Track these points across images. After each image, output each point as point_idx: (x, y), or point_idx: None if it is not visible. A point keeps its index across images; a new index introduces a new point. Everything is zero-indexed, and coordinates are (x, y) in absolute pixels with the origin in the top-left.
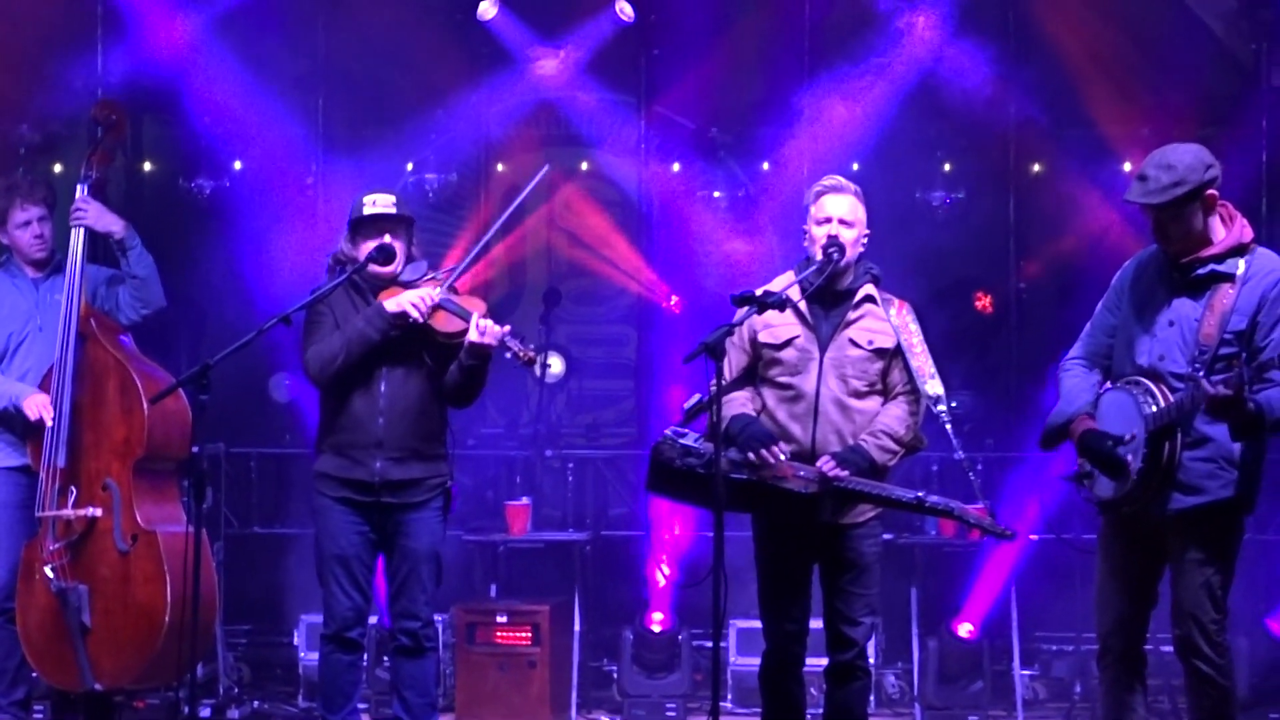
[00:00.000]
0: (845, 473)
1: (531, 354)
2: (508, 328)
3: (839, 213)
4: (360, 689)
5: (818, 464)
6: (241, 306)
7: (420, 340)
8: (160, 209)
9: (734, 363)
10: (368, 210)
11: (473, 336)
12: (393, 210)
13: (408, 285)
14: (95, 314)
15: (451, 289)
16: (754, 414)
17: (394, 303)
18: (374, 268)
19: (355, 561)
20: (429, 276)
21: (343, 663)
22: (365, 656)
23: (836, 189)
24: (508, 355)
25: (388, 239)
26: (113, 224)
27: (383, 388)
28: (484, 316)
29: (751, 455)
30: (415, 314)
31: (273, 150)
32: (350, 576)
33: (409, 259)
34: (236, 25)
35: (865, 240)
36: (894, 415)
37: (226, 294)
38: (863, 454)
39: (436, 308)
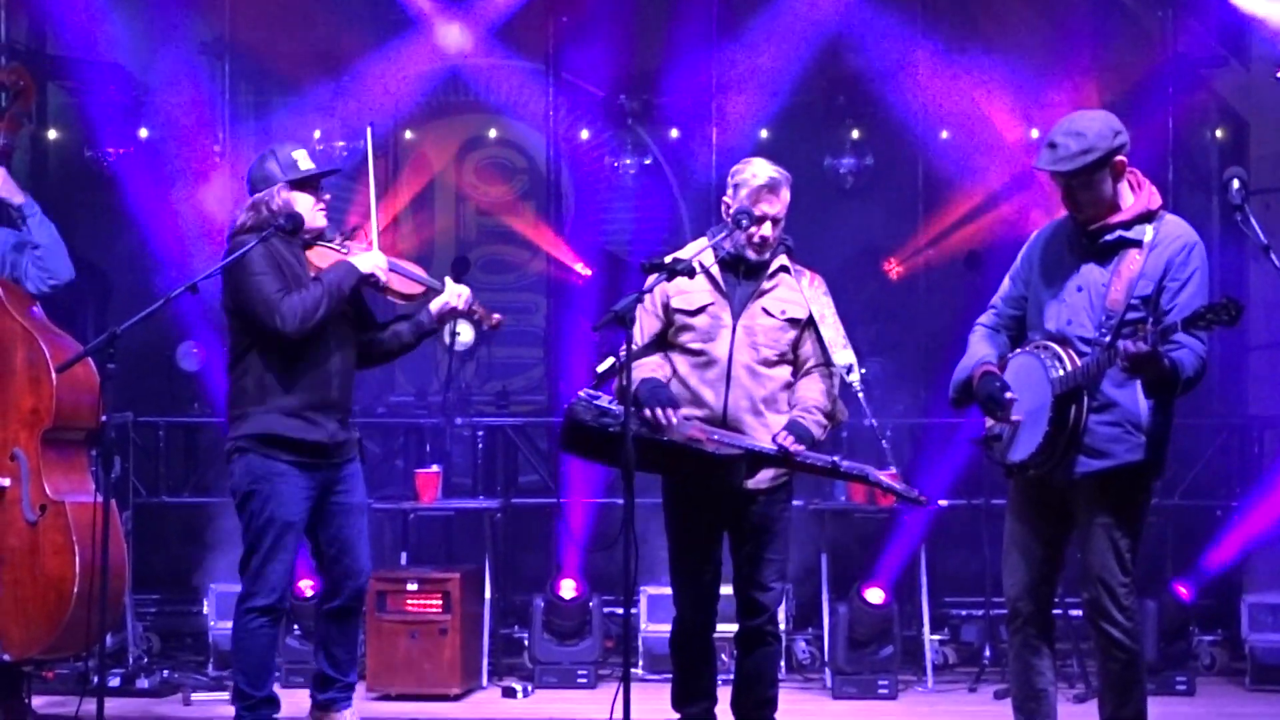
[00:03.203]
0: (802, 447)
1: (496, 318)
2: (468, 291)
3: (774, 212)
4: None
5: (775, 440)
6: (148, 275)
7: (354, 303)
8: (65, 177)
9: (646, 329)
10: (304, 165)
11: (451, 302)
12: (328, 167)
13: (328, 244)
14: (5, 283)
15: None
16: (663, 380)
17: (368, 262)
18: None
19: (303, 530)
20: (347, 237)
21: (272, 636)
22: None
23: (774, 186)
24: (475, 319)
25: (327, 197)
26: (14, 193)
27: (334, 348)
28: None
29: (646, 412)
30: (384, 278)
31: (179, 118)
32: (296, 545)
33: None
34: None
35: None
36: (818, 390)
37: (132, 262)
38: (806, 430)
39: (391, 271)
